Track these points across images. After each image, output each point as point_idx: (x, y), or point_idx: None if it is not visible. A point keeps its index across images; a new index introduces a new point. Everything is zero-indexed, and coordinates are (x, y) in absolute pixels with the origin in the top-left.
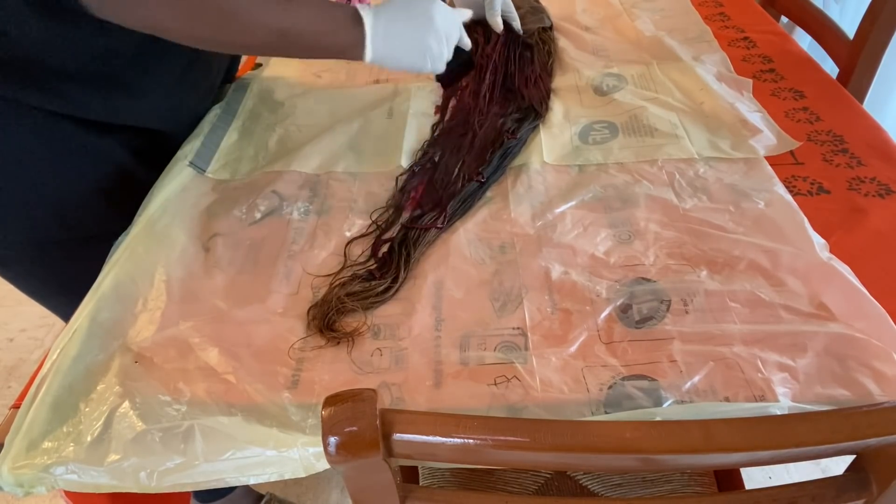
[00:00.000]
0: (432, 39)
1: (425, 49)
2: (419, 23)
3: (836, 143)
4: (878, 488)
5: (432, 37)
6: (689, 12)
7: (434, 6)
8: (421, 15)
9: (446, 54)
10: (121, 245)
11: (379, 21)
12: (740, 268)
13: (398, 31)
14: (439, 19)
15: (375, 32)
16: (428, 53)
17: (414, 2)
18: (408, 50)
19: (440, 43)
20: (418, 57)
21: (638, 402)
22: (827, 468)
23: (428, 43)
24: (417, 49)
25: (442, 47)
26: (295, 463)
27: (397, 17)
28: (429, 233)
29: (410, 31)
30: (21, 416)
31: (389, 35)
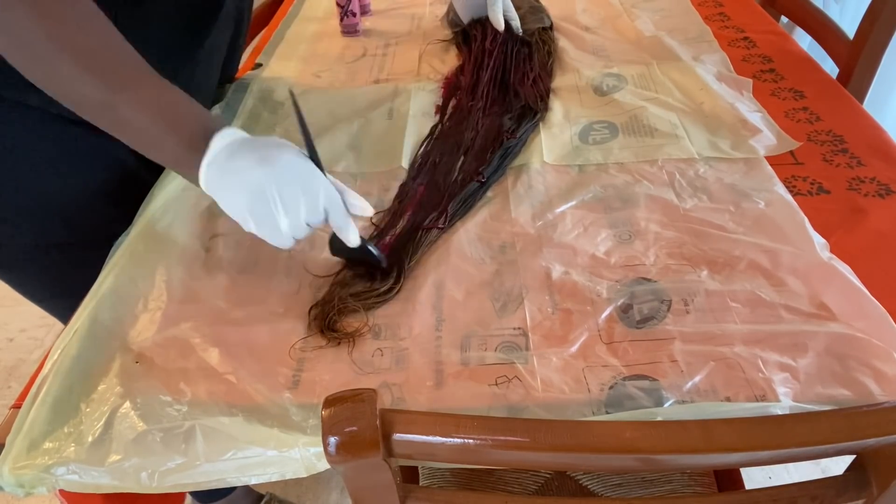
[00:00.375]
0: (256, 198)
1: (247, 205)
2: (249, 170)
3: (836, 143)
4: (878, 488)
5: (257, 195)
6: (689, 12)
7: (278, 158)
8: (257, 161)
9: (284, 227)
10: (121, 245)
11: (227, 149)
12: (741, 268)
13: (233, 170)
14: (274, 177)
15: (214, 160)
16: (253, 214)
17: (266, 144)
18: (235, 198)
19: (267, 207)
20: (243, 212)
21: (639, 402)
22: (827, 468)
23: (251, 200)
24: (242, 201)
25: (273, 215)
26: (296, 463)
27: (242, 153)
28: (430, 233)
29: (240, 175)
30: (22, 417)
31: (226, 171)
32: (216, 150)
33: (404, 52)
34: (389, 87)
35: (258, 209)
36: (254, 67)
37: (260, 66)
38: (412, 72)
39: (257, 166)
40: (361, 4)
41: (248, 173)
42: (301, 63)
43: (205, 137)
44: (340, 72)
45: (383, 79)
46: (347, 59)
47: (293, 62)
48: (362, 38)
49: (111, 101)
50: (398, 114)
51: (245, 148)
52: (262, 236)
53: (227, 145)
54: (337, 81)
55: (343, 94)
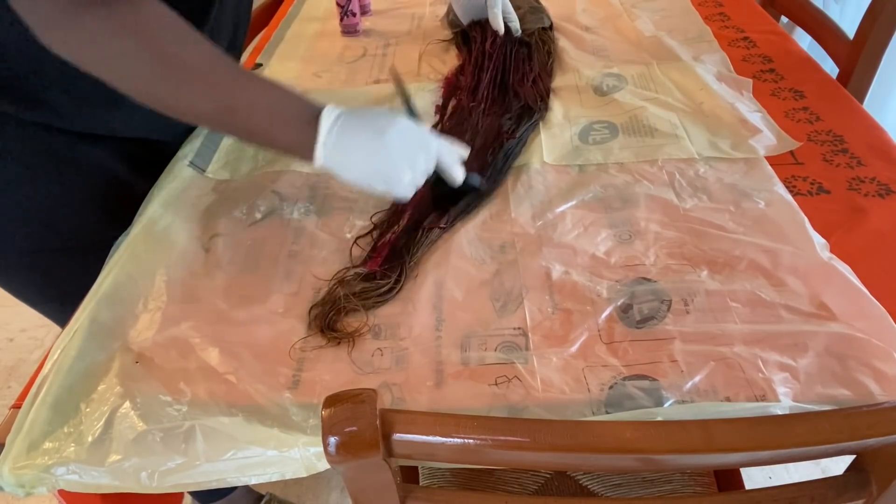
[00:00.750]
0: (384, 162)
1: (375, 171)
2: (371, 141)
3: (836, 143)
4: (878, 488)
5: (384, 159)
6: (689, 12)
7: (393, 126)
8: (376, 133)
9: (407, 181)
10: (121, 245)
11: (334, 127)
12: (741, 268)
13: (350, 145)
14: (396, 142)
15: (327, 139)
16: (380, 176)
17: (376, 116)
18: (359, 167)
19: (395, 168)
20: (370, 176)
21: (639, 401)
22: (827, 468)
23: (378, 165)
24: (368, 168)
25: (399, 172)
26: (296, 463)
27: (354, 127)
28: (431, 233)
29: (363, 147)
30: (22, 417)
31: (341, 146)
32: (326, 131)
33: (404, 52)
34: (389, 87)
35: (386, 171)
36: (254, 67)
37: (260, 66)
38: (412, 72)
39: (376, 137)
40: (361, 4)
41: (370, 145)
42: (301, 63)
43: (311, 121)
44: (340, 72)
45: (383, 79)
46: (347, 59)
47: (293, 62)
48: (362, 38)
49: (228, 111)
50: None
51: (354, 123)
52: (388, 192)
53: (333, 124)
54: (337, 81)
55: (343, 93)
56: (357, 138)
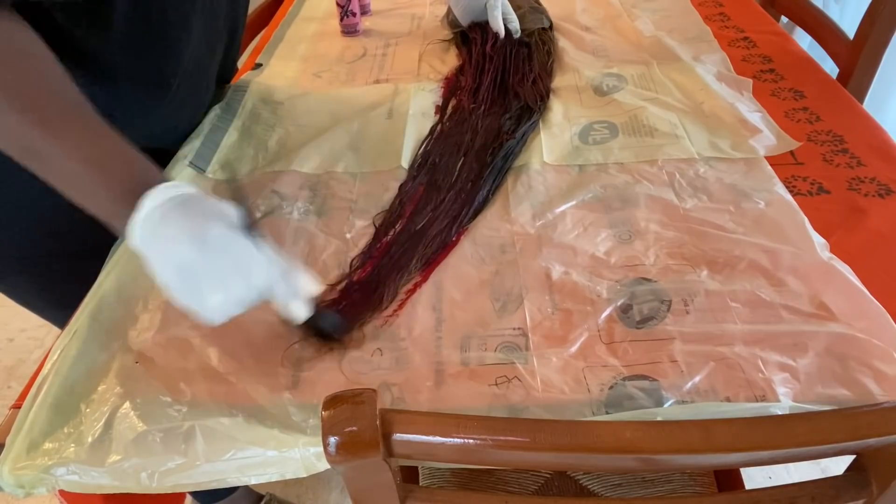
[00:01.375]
0: (190, 273)
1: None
2: (185, 238)
3: (836, 143)
4: (878, 488)
5: (190, 269)
6: (689, 12)
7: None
8: (192, 234)
9: (214, 304)
10: (121, 245)
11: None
12: (741, 268)
13: (163, 235)
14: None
15: (147, 218)
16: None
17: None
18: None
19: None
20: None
21: (639, 402)
22: (827, 468)
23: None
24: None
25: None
26: (296, 463)
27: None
28: (434, 243)
29: (170, 241)
30: (22, 417)
31: (157, 233)
32: (148, 210)
33: (404, 52)
34: (389, 87)
35: (183, 285)
36: (254, 67)
37: (260, 66)
38: (412, 72)
39: (186, 241)
40: (361, 4)
41: (176, 247)
42: (301, 63)
43: (137, 193)
44: (340, 72)
45: (383, 79)
46: (347, 59)
47: (293, 62)
48: (362, 38)
49: (36, 146)
50: (398, 114)
51: (178, 214)
52: (188, 309)
53: (161, 205)
54: (337, 81)
55: (343, 93)
56: (169, 233)
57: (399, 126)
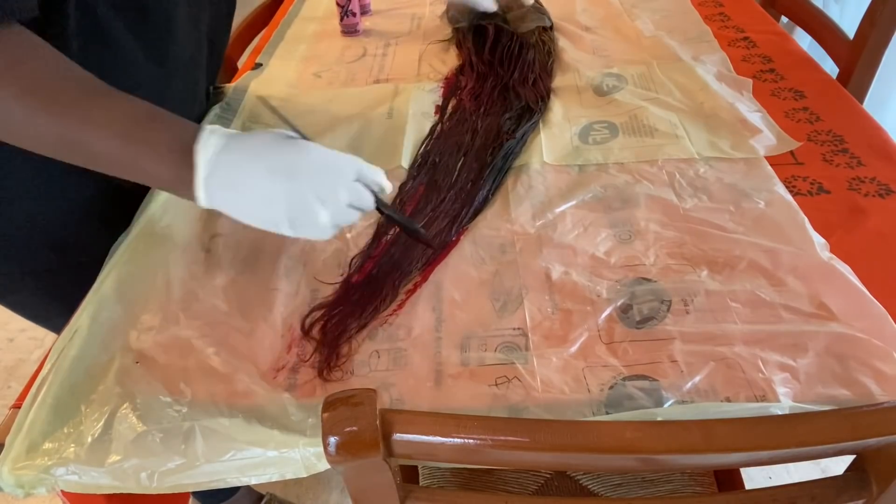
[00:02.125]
0: (291, 201)
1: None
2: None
3: (836, 143)
4: (878, 488)
5: (290, 198)
6: (689, 12)
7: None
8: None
9: (325, 221)
10: (121, 245)
11: (220, 159)
12: (741, 268)
13: (243, 181)
14: (305, 178)
15: (210, 176)
16: (287, 218)
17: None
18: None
19: (306, 207)
20: (275, 219)
21: (639, 402)
22: (827, 468)
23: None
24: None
25: (313, 213)
26: (296, 463)
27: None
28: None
29: (259, 185)
30: (22, 417)
31: (230, 183)
32: (207, 163)
33: (404, 52)
34: (389, 87)
35: (297, 215)
36: (254, 67)
37: (260, 66)
38: (412, 72)
39: (277, 176)
40: (361, 4)
41: (269, 186)
42: (301, 63)
43: (186, 149)
44: (340, 72)
45: (383, 79)
46: (347, 59)
47: (293, 62)
48: (362, 38)
49: (71, 134)
50: (398, 114)
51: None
52: (301, 236)
53: (217, 154)
54: (337, 81)
55: (343, 93)
56: (252, 177)
57: (399, 126)
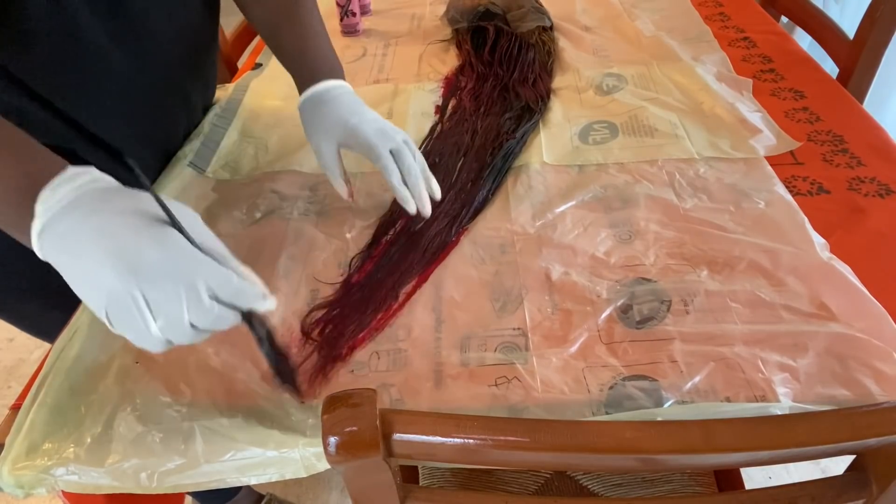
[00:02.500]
0: (115, 296)
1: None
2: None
3: (836, 143)
4: (878, 488)
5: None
6: (689, 12)
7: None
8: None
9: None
10: None
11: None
12: (741, 268)
13: (76, 249)
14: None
15: (46, 228)
16: (106, 311)
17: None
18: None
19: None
20: (94, 305)
21: (639, 402)
22: (827, 468)
23: (104, 296)
24: (93, 294)
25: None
26: (296, 463)
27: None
28: (434, 243)
29: (90, 260)
30: (21, 417)
31: (64, 246)
32: (45, 213)
33: (404, 52)
34: (389, 87)
35: (117, 315)
36: (254, 67)
37: (260, 66)
38: (412, 72)
39: (104, 262)
40: (361, 4)
41: (95, 270)
42: None
43: (32, 191)
44: None
45: (383, 79)
46: (347, 59)
47: None
48: (362, 38)
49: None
50: (398, 114)
51: (85, 223)
52: (130, 340)
53: (61, 210)
54: None
55: None
56: (82, 247)
57: (399, 126)
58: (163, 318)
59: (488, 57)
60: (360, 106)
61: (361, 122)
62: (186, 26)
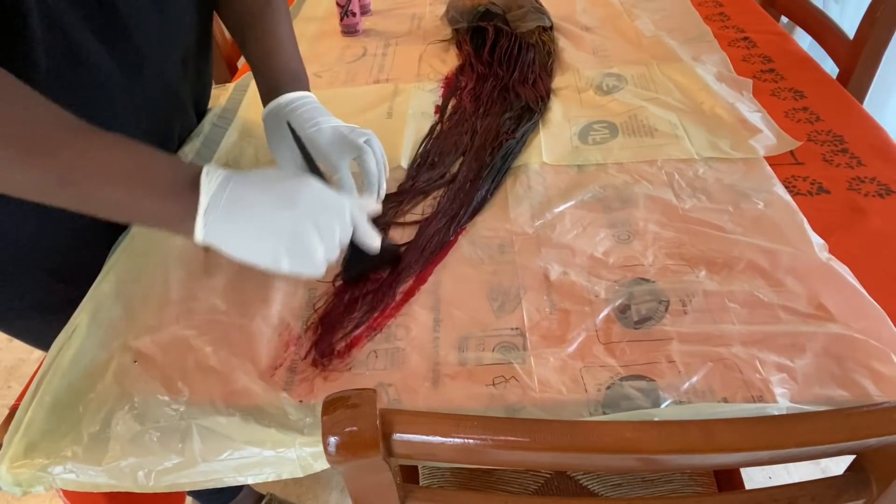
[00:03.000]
0: (293, 236)
1: (279, 247)
2: (276, 210)
3: (836, 143)
4: (878, 488)
5: (293, 233)
6: (689, 12)
7: (303, 191)
8: (281, 200)
9: (321, 257)
10: (121, 245)
11: (222, 193)
12: (739, 268)
13: (245, 215)
14: (308, 211)
15: (211, 209)
16: (286, 253)
17: (279, 179)
18: (258, 243)
19: (307, 243)
20: (273, 254)
21: (636, 402)
22: (827, 468)
23: (284, 240)
24: (270, 245)
25: (312, 248)
26: (292, 463)
27: (251, 194)
28: (432, 242)
29: (264, 218)
30: (20, 416)
31: (232, 217)
32: (211, 197)
33: (404, 52)
34: (389, 87)
35: (295, 247)
36: None
37: None
38: (412, 72)
39: (282, 207)
40: (361, 4)
41: (275, 216)
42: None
43: (187, 185)
44: (340, 72)
45: (383, 79)
46: (347, 59)
47: None
48: (362, 38)
49: (65, 178)
50: (398, 113)
51: (249, 189)
52: (297, 271)
53: (221, 189)
54: (337, 81)
55: (343, 93)
56: (255, 208)
57: (399, 126)
58: (327, 242)
59: (488, 57)
60: (322, 115)
61: (318, 132)
62: (178, 25)
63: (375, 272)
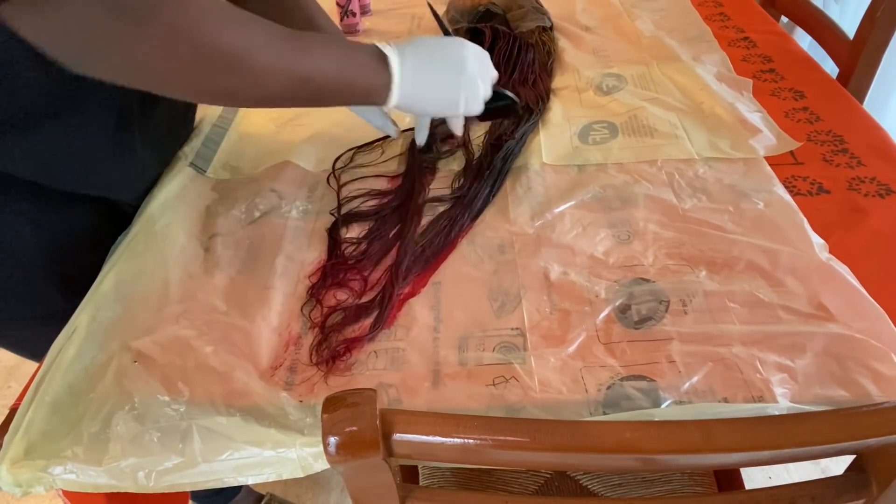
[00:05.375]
0: (464, 84)
1: (456, 95)
2: (450, 67)
3: (836, 143)
4: (878, 488)
5: (464, 81)
6: (689, 12)
7: (466, 49)
8: (451, 58)
9: (482, 93)
10: (120, 245)
11: (406, 62)
12: (739, 268)
13: (429, 79)
14: (472, 63)
15: (403, 75)
16: (461, 98)
17: (443, 44)
18: (438, 95)
19: (473, 86)
20: (449, 102)
21: (636, 402)
22: (827, 468)
23: (459, 88)
24: (448, 94)
25: (475, 89)
26: (293, 463)
27: (426, 58)
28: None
29: (443, 79)
30: (20, 416)
31: (418, 78)
32: (399, 70)
33: None
34: None
35: (468, 95)
36: None
37: None
38: None
39: (457, 67)
40: (361, 4)
41: (450, 75)
42: None
43: (380, 62)
44: None
45: None
46: None
47: None
48: (362, 37)
49: (298, 79)
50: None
51: (427, 58)
52: (469, 112)
53: (404, 62)
54: None
55: None
56: (436, 71)
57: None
58: (487, 83)
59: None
60: None
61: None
62: None
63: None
